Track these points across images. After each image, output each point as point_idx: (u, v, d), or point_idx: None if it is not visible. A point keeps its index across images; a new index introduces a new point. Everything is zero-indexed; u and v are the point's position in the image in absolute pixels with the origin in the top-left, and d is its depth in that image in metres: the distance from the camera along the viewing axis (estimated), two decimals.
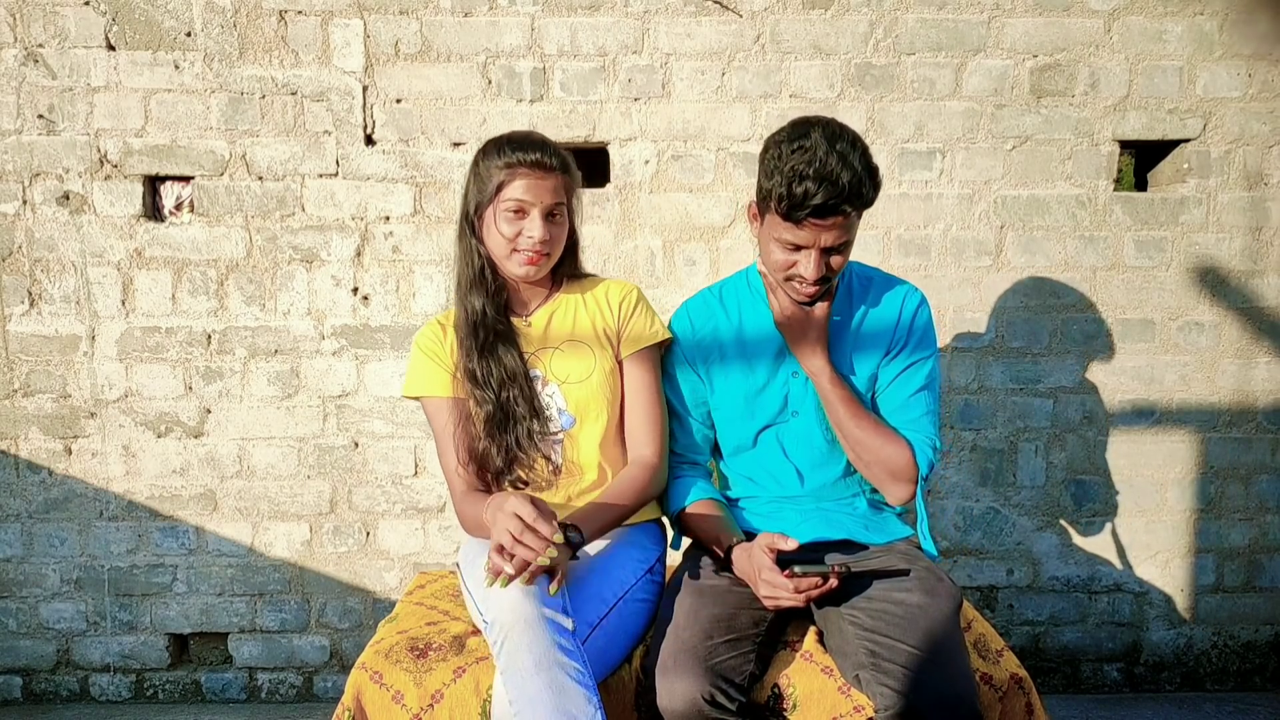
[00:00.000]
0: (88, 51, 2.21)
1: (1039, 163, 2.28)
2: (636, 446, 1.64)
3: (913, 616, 1.38)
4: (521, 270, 1.57)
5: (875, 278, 1.66)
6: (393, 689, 1.44)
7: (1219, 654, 2.43)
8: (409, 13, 2.21)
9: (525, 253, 1.55)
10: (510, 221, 1.53)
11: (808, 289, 1.51)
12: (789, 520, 1.62)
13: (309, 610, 2.38)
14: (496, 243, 1.56)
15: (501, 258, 1.57)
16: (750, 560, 1.45)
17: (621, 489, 1.58)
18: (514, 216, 1.53)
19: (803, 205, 1.42)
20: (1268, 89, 2.26)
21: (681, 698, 1.31)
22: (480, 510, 1.49)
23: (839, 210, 1.43)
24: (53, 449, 2.31)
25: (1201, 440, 2.36)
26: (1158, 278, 2.31)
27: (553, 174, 1.55)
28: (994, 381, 2.34)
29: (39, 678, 2.38)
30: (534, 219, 1.53)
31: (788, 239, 1.49)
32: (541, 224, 1.53)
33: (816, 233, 1.45)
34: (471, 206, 1.59)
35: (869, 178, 1.45)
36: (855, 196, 1.43)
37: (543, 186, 1.53)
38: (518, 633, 1.28)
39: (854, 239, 1.52)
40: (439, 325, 1.66)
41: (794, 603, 1.40)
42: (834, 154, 1.42)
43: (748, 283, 1.70)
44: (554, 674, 1.27)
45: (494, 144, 1.58)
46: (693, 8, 2.22)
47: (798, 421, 1.62)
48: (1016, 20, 2.24)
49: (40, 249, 2.26)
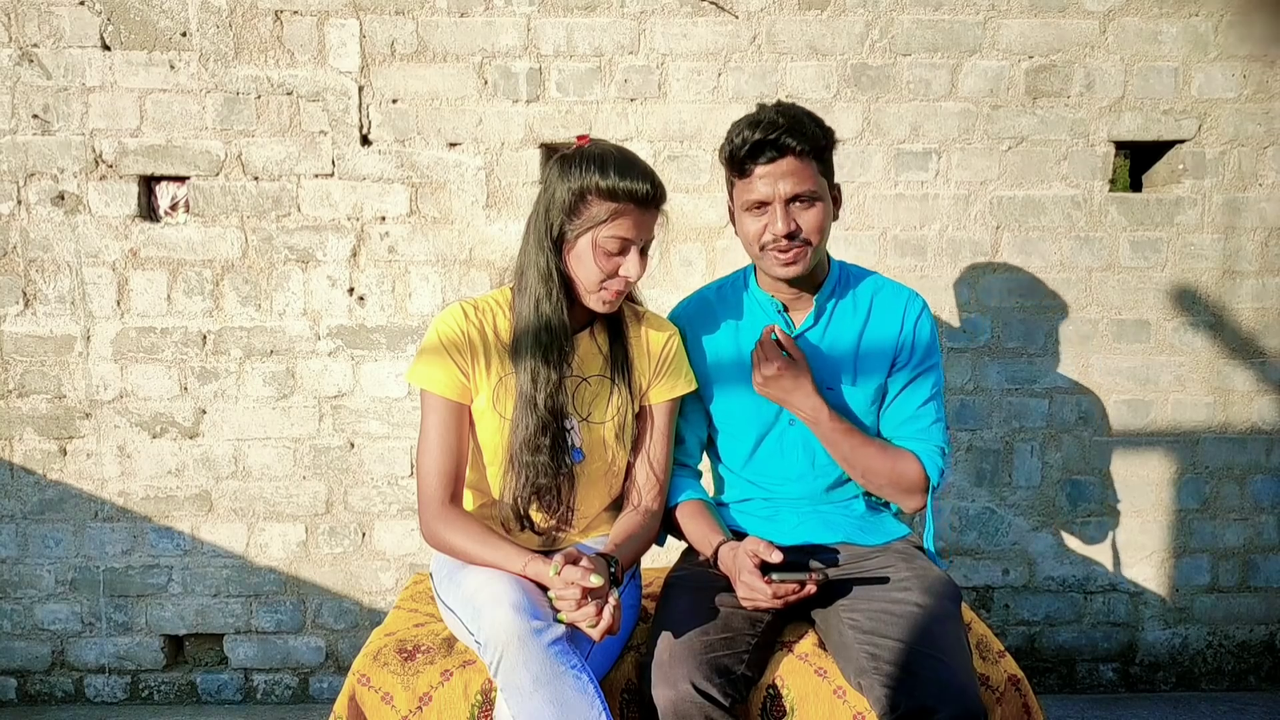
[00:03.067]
0: (83, 51, 2.20)
1: (1034, 163, 2.28)
2: (642, 494, 1.58)
3: (912, 616, 1.38)
4: (604, 306, 1.49)
5: (875, 284, 1.64)
6: (381, 690, 1.43)
7: (1214, 654, 2.43)
8: (405, 13, 2.21)
9: (615, 290, 1.47)
10: (609, 257, 1.44)
11: (784, 253, 1.49)
12: (786, 522, 1.62)
13: (304, 611, 2.38)
14: (588, 274, 1.46)
15: (587, 289, 1.48)
16: (734, 560, 1.45)
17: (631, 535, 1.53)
18: (613, 255, 1.44)
19: (744, 149, 1.46)
20: (1263, 90, 2.27)
21: (677, 692, 1.31)
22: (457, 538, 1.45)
23: (781, 146, 1.44)
24: (47, 450, 2.30)
25: (1196, 440, 2.37)
26: (1153, 278, 2.32)
27: (657, 210, 1.47)
28: (990, 382, 2.34)
29: (34, 679, 2.37)
30: (633, 257, 1.45)
31: (749, 199, 1.50)
32: (639, 261, 1.45)
33: (771, 182, 1.46)
34: (556, 226, 1.46)
35: (812, 120, 1.48)
36: (796, 132, 1.44)
37: (647, 221, 1.46)
38: (513, 650, 1.27)
39: (825, 199, 1.49)
40: (463, 314, 1.52)
41: (771, 606, 1.40)
42: (772, 108, 1.49)
43: (744, 282, 1.68)
44: (554, 688, 1.26)
45: (593, 164, 1.43)
46: (689, 8, 2.22)
47: (794, 430, 1.61)
48: (1012, 21, 2.24)
49: (35, 249, 2.25)
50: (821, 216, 1.49)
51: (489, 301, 1.57)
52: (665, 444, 1.61)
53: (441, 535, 1.48)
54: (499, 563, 1.43)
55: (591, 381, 1.55)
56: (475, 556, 1.45)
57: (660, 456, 1.60)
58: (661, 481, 1.60)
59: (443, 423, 1.50)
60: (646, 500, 1.58)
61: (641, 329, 1.60)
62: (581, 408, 1.54)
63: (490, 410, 1.51)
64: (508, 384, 1.51)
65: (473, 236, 2.28)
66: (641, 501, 1.58)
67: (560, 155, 1.49)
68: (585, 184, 1.42)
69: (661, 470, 1.60)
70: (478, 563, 1.46)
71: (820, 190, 1.48)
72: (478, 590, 1.39)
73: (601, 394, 1.55)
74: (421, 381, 1.50)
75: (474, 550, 1.45)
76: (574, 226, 1.45)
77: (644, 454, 1.59)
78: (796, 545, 1.58)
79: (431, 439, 1.50)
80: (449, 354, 1.49)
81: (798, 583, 1.37)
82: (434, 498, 1.49)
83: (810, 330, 1.61)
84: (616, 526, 1.57)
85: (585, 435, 1.54)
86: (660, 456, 1.60)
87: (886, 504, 1.69)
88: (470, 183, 2.26)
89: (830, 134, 1.51)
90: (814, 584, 1.38)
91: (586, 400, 1.55)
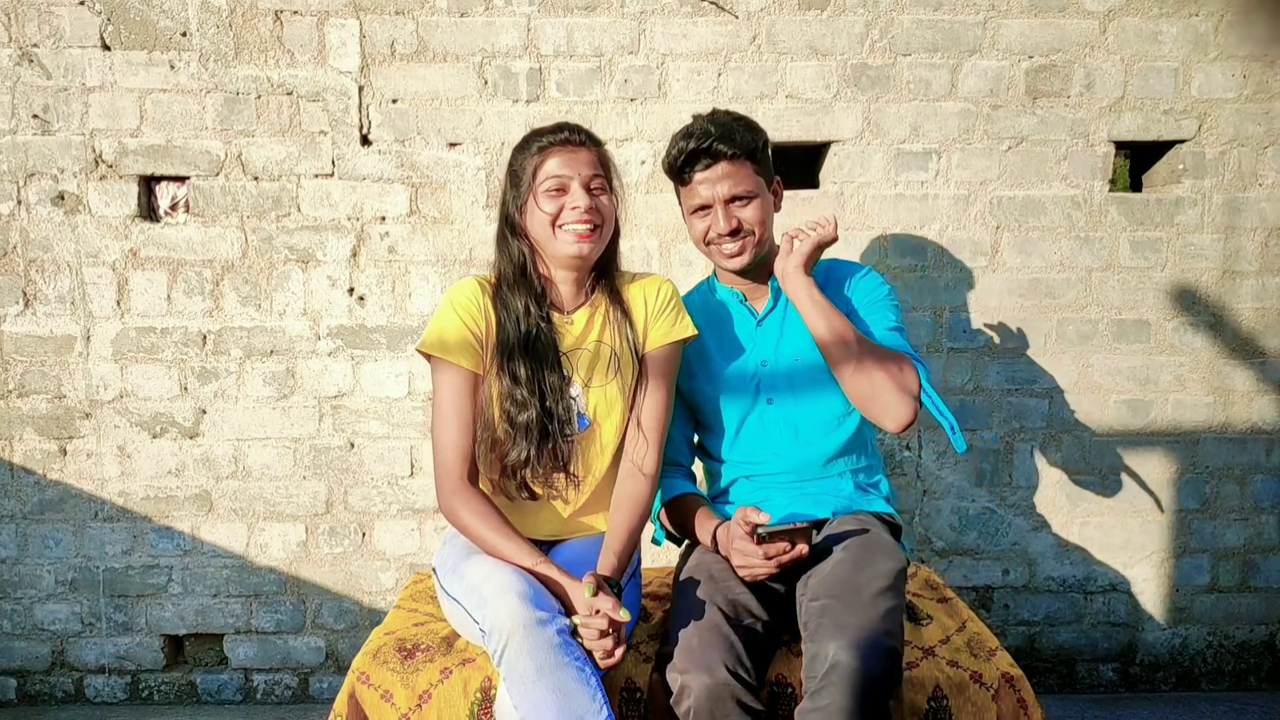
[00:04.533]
0: (83, 51, 2.20)
1: (1034, 163, 2.28)
2: (639, 454, 1.59)
3: (848, 577, 1.41)
4: (574, 248, 1.51)
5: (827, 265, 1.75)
6: (381, 688, 1.44)
7: (1214, 654, 2.43)
8: (405, 13, 2.21)
9: (573, 226, 1.51)
10: (552, 198, 1.51)
11: (726, 246, 1.61)
12: (776, 504, 1.66)
13: (304, 611, 2.38)
14: (541, 226, 1.52)
15: (549, 241, 1.53)
16: (728, 533, 1.50)
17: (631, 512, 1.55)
18: (555, 194, 1.51)
19: (680, 159, 1.60)
20: (1263, 90, 2.27)
21: (714, 681, 1.31)
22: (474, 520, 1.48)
23: (714, 152, 1.57)
24: (47, 450, 2.30)
25: (1196, 440, 2.37)
26: (1153, 278, 2.32)
27: (584, 147, 1.54)
28: (990, 382, 2.34)
29: (34, 679, 2.37)
30: (575, 191, 1.51)
31: (692, 204, 1.64)
32: (585, 194, 1.51)
33: (710, 185, 1.59)
34: (511, 207, 1.56)
35: (742, 125, 1.59)
36: (727, 139, 1.56)
37: (577, 158, 1.52)
38: (517, 639, 1.28)
39: (762, 194, 1.62)
40: (479, 286, 1.58)
41: (768, 570, 1.43)
42: (705, 118, 1.62)
43: (709, 286, 1.80)
44: (557, 677, 1.27)
45: (522, 140, 1.58)
46: (689, 8, 2.22)
47: (773, 409, 1.67)
48: (1012, 21, 2.24)
49: (35, 249, 2.25)
50: (761, 211, 1.62)
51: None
52: (661, 397, 1.61)
53: (459, 513, 1.51)
54: (510, 556, 1.45)
55: (592, 348, 1.59)
56: (488, 544, 1.48)
57: (656, 409, 1.60)
58: (658, 442, 1.60)
59: (459, 393, 1.52)
60: (645, 461, 1.58)
61: (635, 285, 1.66)
62: (586, 374, 1.58)
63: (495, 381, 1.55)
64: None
65: (473, 236, 2.28)
66: (641, 463, 1.59)
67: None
68: (517, 156, 1.56)
69: (658, 427, 1.60)
70: (488, 550, 1.48)
71: (757, 187, 1.61)
72: (483, 580, 1.41)
73: (602, 357, 1.59)
74: (435, 348, 1.52)
75: (488, 537, 1.47)
76: (520, 196, 1.55)
77: (637, 409, 1.61)
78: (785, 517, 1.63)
79: (448, 412, 1.52)
80: (462, 321, 1.53)
81: (788, 540, 1.40)
82: (452, 473, 1.52)
83: (771, 314, 1.70)
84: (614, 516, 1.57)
85: (591, 400, 1.58)
86: (656, 409, 1.60)
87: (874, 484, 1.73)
88: (470, 183, 2.26)
89: (761, 135, 1.62)
90: (804, 539, 1.40)
91: (592, 367, 1.58)
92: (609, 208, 1.56)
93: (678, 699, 1.32)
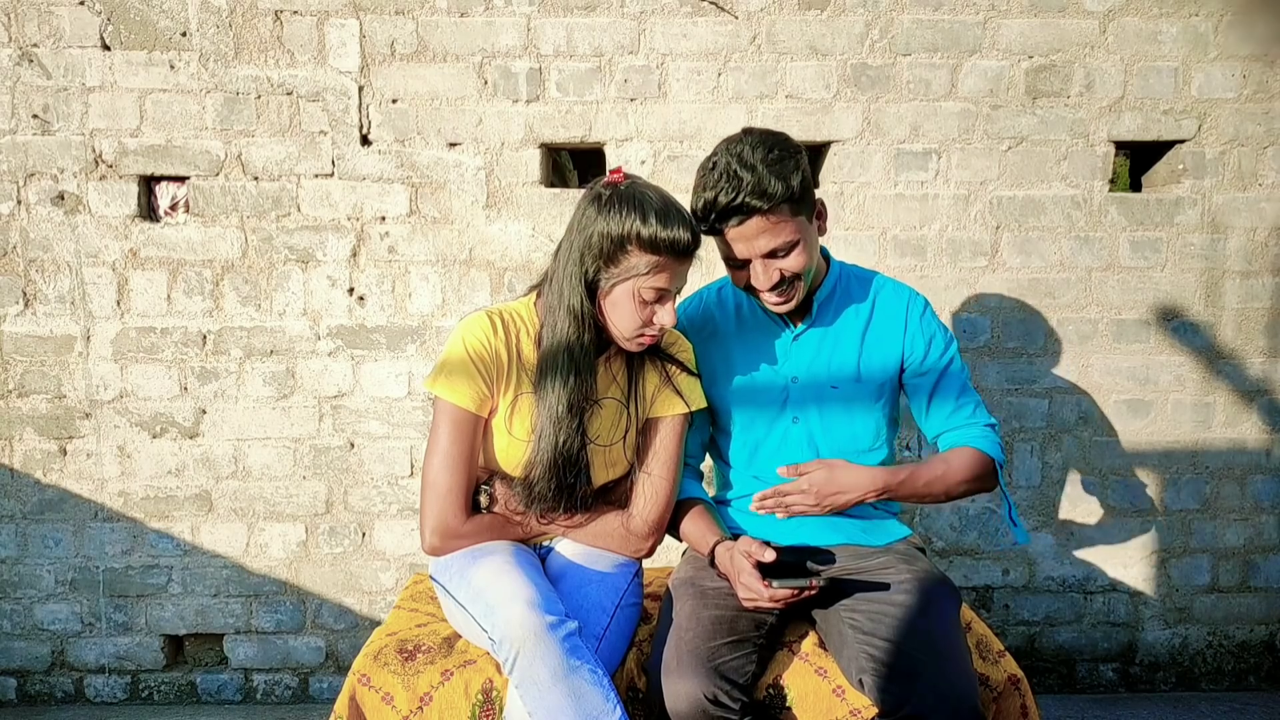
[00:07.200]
0: (83, 51, 2.20)
1: (1034, 163, 2.28)
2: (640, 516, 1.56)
3: (910, 619, 1.38)
4: (636, 348, 1.49)
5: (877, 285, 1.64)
6: (382, 690, 1.43)
7: (1214, 654, 2.43)
8: (405, 13, 2.21)
9: (650, 336, 1.46)
10: (645, 306, 1.42)
11: (768, 297, 1.50)
12: (791, 522, 1.61)
13: (304, 611, 2.38)
14: (624, 322, 1.43)
15: (619, 332, 1.45)
16: (731, 562, 1.45)
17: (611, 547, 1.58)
18: (650, 302, 1.42)
19: (711, 215, 1.42)
20: (1263, 90, 2.27)
21: (686, 699, 1.31)
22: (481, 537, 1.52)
23: (747, 209, 1.39)
24: (47, 450, 2.30)
25: (1196, 441, 2.37)
26: (1153, 278, 2.32)
27: (692, 256, 1.43)
28: (990, 382, 2.34)
29: (34, 679, 2.37)
30: (669, 305, 1.43)
31: (727, 254, 1.49)
32: (673, 310, 1.44)
33: (747, 242, 1.43)
34: (591, 272, 1.41)
35: (773, 171, 1.39)
36: (759, 193, 1.38)
37: (683, 271, 1.44)
38: (530, 646, 1.29)
39: (807, 240, 1.46)
40: (490, 327, 1.48)
41: (772, 608, 1.41)
42: (732, 158, 1.40)
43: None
44: (571, 681, 1.28)
45: (634, 210, 1.38)
46: (689, 8, 2.22)
47: (798, 428, 1.61)
48: (1012, 21, 2.24)
49: (35, 249, 2.25)
50: (805, 255, 1.46)
51: (514, 315, 1.53)
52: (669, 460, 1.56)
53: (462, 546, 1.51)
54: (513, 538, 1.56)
55: (604, 404, 1.54)
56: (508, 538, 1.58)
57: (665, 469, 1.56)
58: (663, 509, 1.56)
59: (462, 436, 1.47)
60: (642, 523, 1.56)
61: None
62: (594, 430, 1.52)
63: (502, 425, 1.51)
64: (520, 405, 1.50)
65: (473, 236, 2.28)
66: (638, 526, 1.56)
67: (596, 192, 1.43)
68: (626, 232, 1.37)
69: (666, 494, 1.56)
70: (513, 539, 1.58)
71: (798, 231, 1.44)
72: (488, 586, 1.40)
73: (611, 413, 1.55)
74: (446, 394, 1.46)
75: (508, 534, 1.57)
76: (610, 275, 1.41)
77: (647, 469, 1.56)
78: (793, 546, 1.58)
79: (450, 452, 1.47)
80: (476, 367, 1.46)
81: (797, 589, 1.37)
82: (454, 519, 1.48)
83: (808, 332, 1.61)
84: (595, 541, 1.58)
85: (592, 457, 1.53)
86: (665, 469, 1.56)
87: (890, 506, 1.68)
88: (470, 183, 2.26)
89: (797, 170, 1.42)
90: (813, 590, 1.38)
91: (601, 423, 1.54)
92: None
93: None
